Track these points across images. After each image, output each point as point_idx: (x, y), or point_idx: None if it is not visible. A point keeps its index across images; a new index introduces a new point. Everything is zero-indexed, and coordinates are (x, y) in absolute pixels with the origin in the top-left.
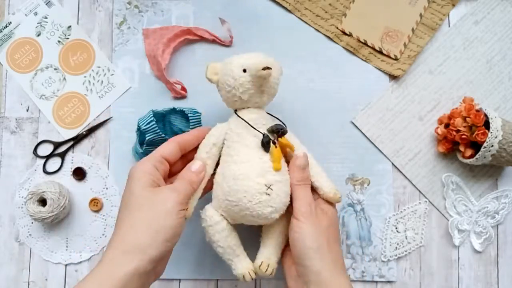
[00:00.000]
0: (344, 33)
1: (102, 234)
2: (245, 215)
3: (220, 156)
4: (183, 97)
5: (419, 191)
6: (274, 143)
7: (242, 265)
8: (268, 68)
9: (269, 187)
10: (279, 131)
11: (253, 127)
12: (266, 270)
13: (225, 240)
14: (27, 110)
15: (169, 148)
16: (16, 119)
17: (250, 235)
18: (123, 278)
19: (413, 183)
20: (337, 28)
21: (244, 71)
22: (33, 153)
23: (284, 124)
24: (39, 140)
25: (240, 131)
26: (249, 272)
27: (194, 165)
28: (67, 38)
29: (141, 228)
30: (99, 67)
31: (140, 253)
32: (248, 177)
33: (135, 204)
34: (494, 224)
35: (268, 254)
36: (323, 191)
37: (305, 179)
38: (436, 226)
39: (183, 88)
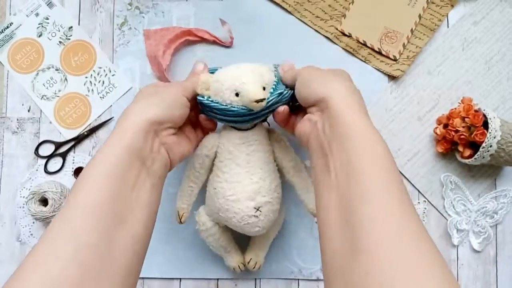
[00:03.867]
0: (344, 34)
1: None
2: (235, 228)
3: (213, 165)
4: None
5: (418, 191)
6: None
7: (232, 259)
8: (261, 100)
9: (258, 209)
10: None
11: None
12: (254, 267)
13: (216, 241)
14: (29, 111)
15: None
16: (17, 120)
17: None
18: (129, 137)
19: (412, 183)
20: (337, 29)
21: (237, 95)
22: (35, 153)
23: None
24: (40, 140)
25: (231, 149)
26: (238, 266)
27: (198, 66)
28: (68, 39)
29: (147, 98)
30: (100, 67)
31: (142, 112)
32: (238, 199)
33: (145, 91)
34: (492, 223)
35: (257, 250)
36: (306, 207)
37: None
38: (435, 225)
39: None
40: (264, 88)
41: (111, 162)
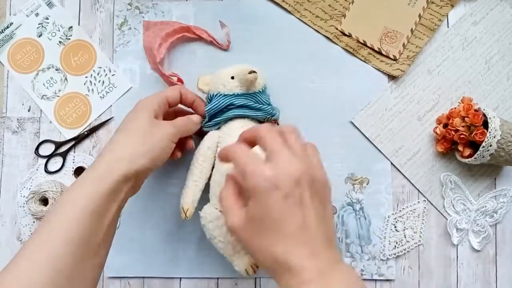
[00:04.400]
0: (344, 34)
1: None
2: None
3: (215, 160)
4: None
5: (418, 190)
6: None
7: (243, 260)
8: (254, 71)
9: None
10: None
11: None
12: None
13: (225, 235)
14: (29, 110)
15: (174, 93)
16: (17, 119)
17: None
18: (114, 182)
19: (412, 182)
20: (337, 28)
21: (232, 78)
22: (35, 152)
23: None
24: (40, 140)
25: (231, 133)
26: (251, 266)
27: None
28: (68, 39)
29: (136, 144)
30: (100, 67)
31: (130, 161)
32: None
33: (136, 128)
34: (492, 223)
35: None
36: None
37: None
38: (434, 225)
39: (179, 80)
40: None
41: (94, 200)
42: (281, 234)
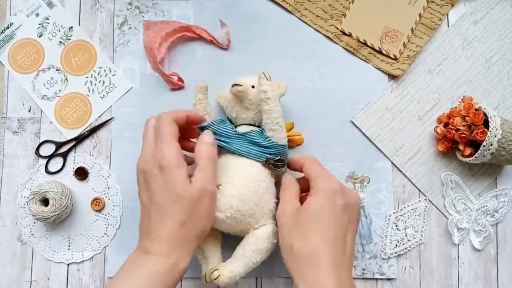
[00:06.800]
0: (344, 33)
1: (104, 233)
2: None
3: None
4: (180, 87)
5: (419, 189)
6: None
7: (205, 269)
8: (237, 85)
9: (217, 186)
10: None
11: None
12: (215, 278)
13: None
14: (29, 111)
15: (181, 118)
16: (18, 120)
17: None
18: (181, 272)
19: (413, 181)
20: (337, 28)
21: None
22: (35, 153)
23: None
24: (41, 140)
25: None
26: (205, 273)
27: (206, 137)
28: (69, 39)
29: (190, 226)
30: (100, 67)
31: (192, 247)
32: None
33: (179, 200)
34: (493, 222)
35: (228, 262)
36: None
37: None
38: (435, 224)
39: (180, 79)
40: (253, 87)
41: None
42: (325, 232)
